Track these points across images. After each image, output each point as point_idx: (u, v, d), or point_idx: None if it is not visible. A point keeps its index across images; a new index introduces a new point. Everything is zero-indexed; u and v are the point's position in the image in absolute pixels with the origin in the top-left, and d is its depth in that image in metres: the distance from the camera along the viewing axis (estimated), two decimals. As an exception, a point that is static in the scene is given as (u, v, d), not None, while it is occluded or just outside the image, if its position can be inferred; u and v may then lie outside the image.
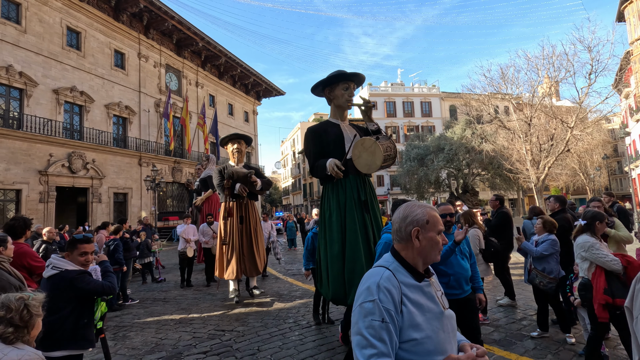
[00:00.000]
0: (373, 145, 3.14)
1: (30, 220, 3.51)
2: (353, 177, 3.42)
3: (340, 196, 3.39)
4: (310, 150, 3.54)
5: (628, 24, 24.40)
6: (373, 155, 3.15)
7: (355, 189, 3.39)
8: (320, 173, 3.43)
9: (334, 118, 3.68)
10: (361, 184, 3.44)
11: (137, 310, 5.90)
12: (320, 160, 3.42)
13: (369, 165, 3.20)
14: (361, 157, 3.23)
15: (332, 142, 3.47)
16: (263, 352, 3.74)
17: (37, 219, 15.29)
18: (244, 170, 5.71)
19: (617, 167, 46.11)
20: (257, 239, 5.95)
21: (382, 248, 2.56)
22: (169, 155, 23.74)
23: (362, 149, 3.22)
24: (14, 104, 16.11)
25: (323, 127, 3.58)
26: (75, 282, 2.34)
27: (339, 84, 3.54)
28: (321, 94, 3.77)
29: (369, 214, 3.37)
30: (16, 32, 16.12)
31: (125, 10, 21.48)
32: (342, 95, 3.53)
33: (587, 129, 19.20)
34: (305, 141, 3.63)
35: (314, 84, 3.69)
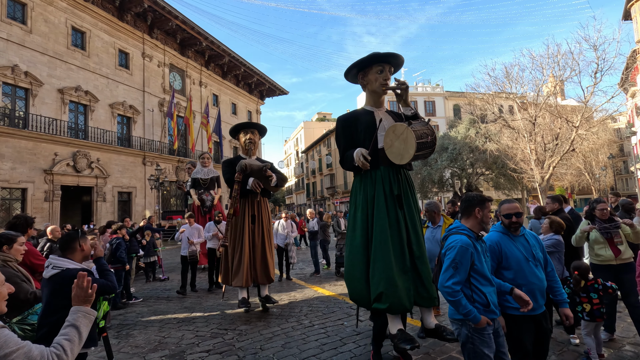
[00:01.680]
0: (405, 132, 2.75)
1: (32, 219, 3.53)
2: (385, 169, 3.05)
3: (369, 190, 3.05)
4: (340, 140, 3.24)
5: (634, 22, 24.14)
6: (405, 143, 2.76)
7: (387, 182, 3.02)
8: (348, 164, 3.13)
9: (369, 105, 3.30)
10: (394, 176, 3.06)
11: (140, 309, 5.93)
12: (349, 151, 3.11)
13: (401, 155, 2.82)
14: (393, 145, 2.87)
15: (363, 131, 3.11)
16: (265, 351, 3.75)
17: (42, 218, 15.42)
18: (258, 163, 4.97)
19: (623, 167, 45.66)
20: (270, 242, 5.26)
21: (456, 254, 2.16)
22: (173, 155, 23.84)
23: (394, 136, 2.85)
24: (20, 103, 16.24)
25: (354, 116, 3.22)
26: None
27: (373, 67, 3.14)
28: (355, 80, 3.39)
29: (402, 210, 2.99)
30: (22, 32, 16.25)
31: (130, 10, 21.58)
32: (376, 80, 3.14)
33: (592, 128, 19.03)
34: (336, 131, 3.33)
35: (348, 68, 3.27)
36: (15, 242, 2.65)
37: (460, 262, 2.13)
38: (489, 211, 2.36)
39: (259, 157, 5.71)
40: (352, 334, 4.17)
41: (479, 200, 2.32)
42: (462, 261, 2.13)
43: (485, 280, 2.19)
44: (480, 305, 2.15)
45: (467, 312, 2.09)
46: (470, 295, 2.17)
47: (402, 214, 2.98)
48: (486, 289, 2.18)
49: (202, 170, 9.37)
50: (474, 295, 2.17)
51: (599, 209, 3.74)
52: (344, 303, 5.63)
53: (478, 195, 2.37)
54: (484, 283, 2.19)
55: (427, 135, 2.78)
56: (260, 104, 37.18)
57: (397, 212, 2.96)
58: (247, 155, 5.39)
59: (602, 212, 3.71)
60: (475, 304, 2.16)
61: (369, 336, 4.05)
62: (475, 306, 2.14)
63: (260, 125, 5.73)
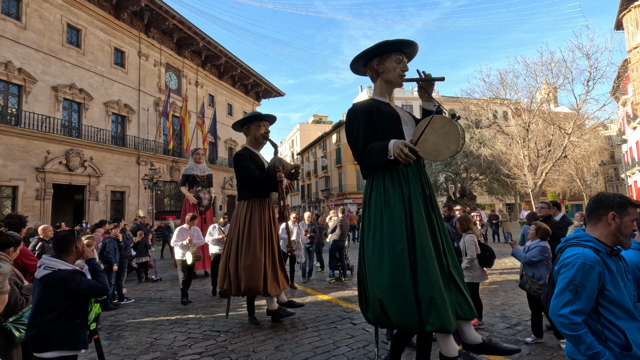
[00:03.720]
0: (447, 125, 2.49)
1: (25, 218, 3.50)
2: (415, 166, 2.74)
3: (404, 188, 2.65)
4: (359, 131, 2.75)
5: (626, 32, 24.59)
6: (446, 138, 2.49)
7: (418, 181, 2.69)
8: (376, 159, 2.65)
9: (381, 96, 2.94)
10: (423, 175, 2.78)
11: (132, 310, 5.88)
12: (376, 143, 2.68)
13: (437, 151, 2.54)
14: (427, 140, 2.55)
15: (387, 122, 2.76)
16: (258, 354, 3.74)
17: (34, 216, 15.22)
18: (287, 162, 4.64)
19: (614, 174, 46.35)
20: (279, 247, 4.94)
21: (575, 273, 1.61)
22: (168, 155, 23.69)
23: (430, 130, 2.53)
24: (13, 100, 16.05)
25: (375, 105, 2.84)
26: (68, 282, 2.31)
27: (391, 55, 2.84)
28: (362, 69, 3.07)
29: (434, 213, 2.69)
30: (16, 28, 16.08)
31: (126, 8, 21.47)
32: (394, 69, 2.82)
33: (584, 135, 19.31)
34: (350, 121, 2.84)
35: (357, 55, 2.95)
36: (20, 245, 2.64)
37: (582, 285, 1.59)
38: (634, 219, 1.67)
39: None
40: (345, 337, 4.18)
41: (617, 203, 1.68)
42: (585, 284, 1.58)
43: (623, 313, 1.60)
44: (615, 346, 1.57)
45: (595, 354, 1.53)
46: (601, 332, 1.60)
47: (435, 218, 2.67)
48: (626, 325, 1.58)
49: (197, 167, 8.86)
50: (606, 332, 1.60)
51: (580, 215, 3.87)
52: (337, 306, 5.63)
53: (617, 195, 1.73)
54: (622, 316, 1.59)
55: (463, 130, 2.55)
56: (257, 105, 37.13)
57: (431, 215, 2.65)
58: (256, 150, 4.94)
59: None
60: (609, 343, 1.58)
61: (363, 340, 4.06)
62: (609, 347, 1.57)
63: (273, 116, 5.10)
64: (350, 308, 5.48)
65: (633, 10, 23.42)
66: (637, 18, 23.19)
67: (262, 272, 4.39)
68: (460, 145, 2.52)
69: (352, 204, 37.96)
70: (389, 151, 2.56)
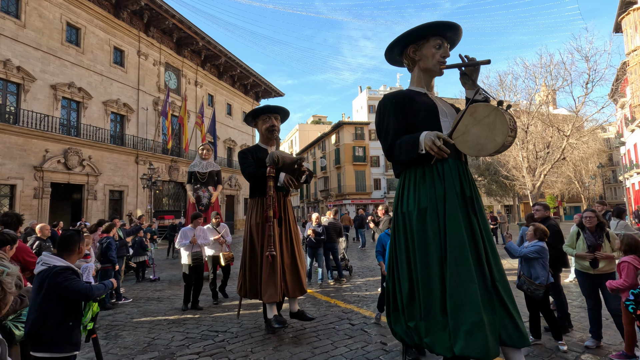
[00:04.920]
0: (493, 114, 2.14)
1: (22, 217, 3.49)
2: (453, 162, 2.39)
3: (438, 187, 2.32)
4: (389, 123, 2.48)
5: (625, 35, 24.68)
6: (491, 129, 2.13)
7: (457, 179, 2.34)
8: (406, 153, 2.37)
9: (419, 86, 2.65)
10: (463, 173, 2.41)
11: (130, 309, 5.87)
12: (406, 136, 2.40)
13: (481, 145, 2.17)
14: (469, 133, 2.22)
15: (421, 114, 2.44)
16: (256, 354, 3.73)
17: (31, 215, 15.18)
18: (290, 155, 4.12)
19: (612, 176, 46.50)
20: (299, 247, 4.43)
21: None
22: (166, 154, 23.65)
23: (472, 121, 2.20)
24: (11, 98, 16.00)
25: (407, 95, 2.55)
26: (56, 277, 2.27)
27: (430, 40, 2.53)
28: (398, 58, 2.77)
29: (475, 217, 2.30)
30: (15, 26, 16.04)
31: (126, 7, 21.45)
32: (433, 56, 2.51)
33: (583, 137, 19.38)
34: (379, 113, 2.57)
35: (391, 43, 2.64)
36: (16, 243, 2.64)
37: None
38: None
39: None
40: (344, 337, 4.18)
41: None
42: None
43: None
44: None
45: None
46: None
47: (477, 222, 2.29)
48: None
49: (200, 163, 8.47)
50: None
51: (585, 217, 3.92)
52: (335, 307, 5.63)
53: None
54: None
55: (512, 121, 2.18)
56: (256, 105, 37.12)
57: (472, 219, 2.27)
58: (267, 145, 4.54)
59: (589, 221, 3.86)
60: None
61: (361, 340, 4.06)
62: None
63: (284, 109, 4.65)
64: (349, 309, 5.47)
65: (632, 13, 23.51)
66: (635, 21, 23.28)
67: (257, 274, 4.18)
68: (509, 138, 2.15)
69: (350, 204, 37.98)
70: (420, 144, 2.27)
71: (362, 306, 5.61)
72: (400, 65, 2.82)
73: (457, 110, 2.62)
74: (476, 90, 2.39)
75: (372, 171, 40.37)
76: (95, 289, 2.41)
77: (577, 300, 5.65)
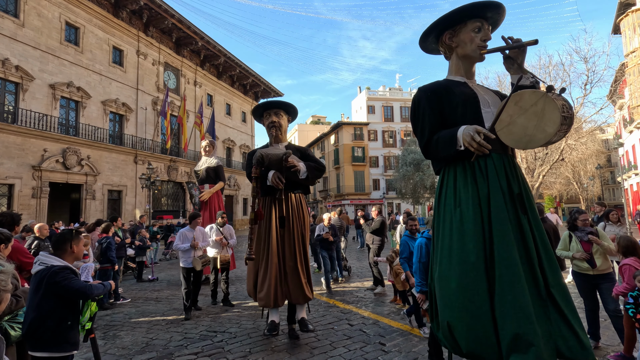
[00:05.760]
0: (541, 102, 1.90)
1: (19, 216, 3.48)
2: (498, 157, 2.15)
3: (480, 185, 2.11)
4: (424, 119, 2.27)
5: (623, 36, 24.75)
6: (539, 118, 1.90)
7: (502, 176, 2.10)
8: (443, 150, 2.17)
9: (457, 74, 2.40)
10: (510, 168, 2.16)
11: (128, 309, 5.85)
12: (443, 132, 2.19)
13: (529, 137, 1.95)
14: (514, 123, 1.99)
15: (460, 106, 2.22)
16: (255, 355, 3.72)
17: (29, 215, 15.13)
18: (277, 152, 3.88)
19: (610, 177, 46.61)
20: (306, 250, 4.18)
21: None
22: (165, 154, 23.63)
23: (517, 110, 1.97)
24: (9, 97, 15.95)
25: (444, 86, 2.31)
26: (54, 276, 2.27)
27: (467, 24, 2.28)
28: (434, 47, 2.55)
29: (526, 216, 2.07)
30: (14, 25, 16.00)
31: (125, 7, 21.42)
32: (472, 40, 2.27)
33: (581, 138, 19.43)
34: (413, 108, 2.37)
35: (426, 30, 2.42)
36: (10, 242, 2.62)
37: None
38: None
39: (295, 145, 4.51)
40: (342, 338, 4.17)
41: None
42: None
43: None
44: None
45: None
46: None
47: (527, 222, 2.07)
48: None
49: (200, 160, 8.30)
50: None
51: (581, 220, 3.95)
52: (334, 307, 5.63)
53: None
54: None
55: (567, 108, 1.93)
56: (255, 105, 37.13)
57: (521, 218, 2.05)
58: (274, 143, 4.33)
59: (583, 222, 3.90)
60: None
61: (360, 341, 4.06)
62: None
63: (286, 103, 4.43)
64: (347, 309, 5.47)
65: (630, 14, 23.58)
66: (634, 22, 23.36)
67: (253, 275, 4.08)
68: (563, 127, 1.90)
69: (349, 204, 37.99)
70: (457, 140, 2.07)
71: (360, 307, 5.61)
72: (437, 53, 2.58)
73: (503, 99, 2.34)
74: (519, 76, 2.11)
75: (371, 171, 40.39)
76: (94, 289, 2.41)
77: (574, 301, 5.65)
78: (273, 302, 3.86)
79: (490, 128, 2.07)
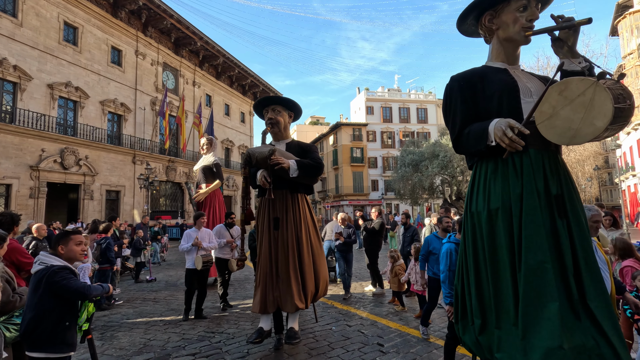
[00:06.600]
0: (590, 91, 1.64)
1: (18, 216, 3.46)
2: (536, 154, 1.91)
3: (512, 185, 1.92)
4: (456, 110, 2.08)
5: (621, 38, 24.87)
6: (587, 109, 1.65)
7: (540, 175, 1.89)
8: (474, 145, 1.99)
9: (497, 60, 2.15)
10: (551, 166, 1.93)
11: (126, 310, 5.84)
12: (474, 125, 2.00)
13: (574, 131, 1.70)
14: (557, 116, 1.74)
15: (496, 96, 1.99)
16: (253, 355, 3.72)
17: (27, 215, 15.07)
18: (263, 150, 3.62)
19: (608, 179, 46.79)
20: (301, 254, 3.78)
21: None
22: (164, 154, 23.59)
23: (562, 100, 1.72)
24: (7, 97, 15.91)
25: (479, 74, 2.09)
26: (53, 276, 2.27)
27: (510, 2, 2.03)
28: (473, 29, 2.30)
29: (564, 220, 1.85)
30: (12, 25, 15.96)
31: (124, 7, 21.40)
32: (516, 21, 2.00)
33: (579, 140, 19.43)
34: (445, 99, 2.17)
35: (463, 11, 2.19)
36: (5, 241, 2.61)
37: None
38: None
39: (297, 141, 4.24)
40: (340, 339, 4.17)
41: None
42: None
43: None
44: None
45: None
46: None
47: (566, 226, 1.84)
48: None
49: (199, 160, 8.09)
50: None
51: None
52: (332, 308, 5.63)
53: None
54: None
55: (624, 97, 1.66)
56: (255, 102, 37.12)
57: (558, 222, 1.84)
58: (274, 141, 4.14)
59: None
60: None
61: (358, 342, 4.06)
62: None
63: (285, 98, 4.17)
64: (345, 310, 5.47)
65: (628, 16, 23.71)
66: (631, 24, 23.48)
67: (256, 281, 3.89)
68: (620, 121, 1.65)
69: (348, 205, 38.00)
70: (489, 135, 1.89)
71: (359, 307, 5.61)
72: (477, 36, 2.32)
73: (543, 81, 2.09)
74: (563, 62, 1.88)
75: (370, 172, 40.43)
76: (92, 289, 2.41)
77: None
78: (261, 308, 3.64)
79: (526, 122, 1.82)
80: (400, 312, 5.28)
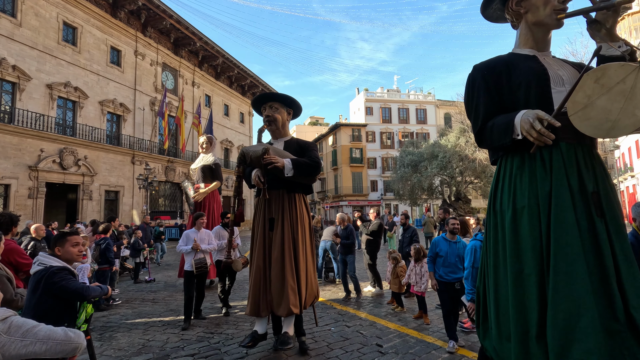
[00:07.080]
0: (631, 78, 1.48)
1: (17, 217, 3.45)
2: (568, 147, 1.74)
3: (540, 181, 1.74)
4: (479, 101, 1.91)
5: (620, 39, 24.99)
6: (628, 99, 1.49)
7: (573, 170, 1.71)
8: (499, 139, 1.81)
9: (525, 47, 1.97)
10: (585, 161, 1.75)
11: (124, 311, 5.83)
12: (499, 118, 1.83)
13: (611, 122, 1.53)
14: (593, 106, 1.56)
15: (523, 85, 1.81)
16: (251, 356, 3.72)
17: (26, 215, 15.06)
18: (257, 148, 3.48)
19: (607, 179, 46.90)
20: (297, 256, 3.64)
21: None
22: (163, 154, 23.58)
23: (598, 89, 1.55)
24: (6, 97, 15.89)
25: (505, 62, 1.90)
26: (52, 276, 2.27)
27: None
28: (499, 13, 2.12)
29: (602, 219, 1.67)
30: (11, 25, 15.95)
31: (123, 7, 21.39)
32: (547, 3, 1.82)
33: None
34: (468, 88, 2.00)
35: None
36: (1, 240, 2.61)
37: None
38: None
39: (296, 139, 4.03)
40: (339, 339, 4.18)
41: None
42: None
43: None
44: None
45: None
46: None
47: (604, 226, 1.65)
48: None
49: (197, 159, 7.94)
50: None
51: None
52: (331, 308, 5.63)
53: None
54: None
55: None
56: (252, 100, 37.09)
57: (595, 222, 1.65)
58: (274, 139, 4.00)
59: None
60: None
61: (357, 342, 4.06)
62: None
63: (282, 95, 4.00)
64: (344, 310, 5.47)
65: (626, 18, 23.80)
66: (630, 26, 23.57)
67: None
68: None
69: (347, 206, 38.03)
70: (515, 128, 1.72)
71: (358, 308, 5.62)
72: (502, 21, 2.16)
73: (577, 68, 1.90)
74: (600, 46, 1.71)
75: (369, 173, 40.46)
76: (91, 290, 2.41)
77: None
78: (253, 310, 3.49)
79: (556, 113, 1.65)
80: (399, 313, 5.29)
